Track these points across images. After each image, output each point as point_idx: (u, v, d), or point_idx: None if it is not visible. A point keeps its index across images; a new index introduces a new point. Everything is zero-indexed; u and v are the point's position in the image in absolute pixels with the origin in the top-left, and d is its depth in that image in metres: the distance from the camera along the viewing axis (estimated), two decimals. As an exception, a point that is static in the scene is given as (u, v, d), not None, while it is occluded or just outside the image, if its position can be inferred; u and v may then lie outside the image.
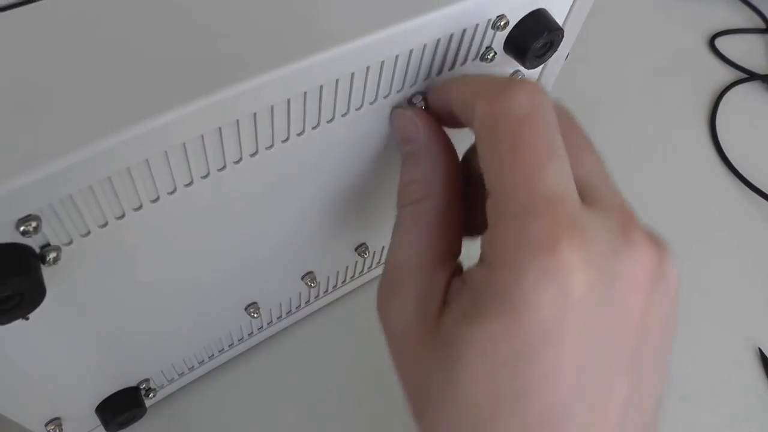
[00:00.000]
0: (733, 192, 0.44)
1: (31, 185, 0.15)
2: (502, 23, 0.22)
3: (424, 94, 0.22)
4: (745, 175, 0.44)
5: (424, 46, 0.21)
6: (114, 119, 0.16)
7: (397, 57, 0.20)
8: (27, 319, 0.18)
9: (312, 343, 0.35)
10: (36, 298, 0.17)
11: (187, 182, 0.19)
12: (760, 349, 0.37)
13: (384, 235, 0.33)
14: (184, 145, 0.17)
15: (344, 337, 0.35)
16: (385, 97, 0.22)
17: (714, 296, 0.39)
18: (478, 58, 0.23)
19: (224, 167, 0.20)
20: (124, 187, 0.17)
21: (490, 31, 0.22)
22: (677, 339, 0.37)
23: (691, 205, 0.43)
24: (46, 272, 0.17)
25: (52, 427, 0.26)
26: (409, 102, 0.23)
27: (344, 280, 0.34)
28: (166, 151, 0.17)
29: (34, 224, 0.16)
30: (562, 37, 0.24)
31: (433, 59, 0.22)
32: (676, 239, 0.41)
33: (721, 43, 0.52)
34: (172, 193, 0.19)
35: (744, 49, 0.52)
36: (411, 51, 0.21)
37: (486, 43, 0.23)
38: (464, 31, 0.21)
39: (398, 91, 0.22)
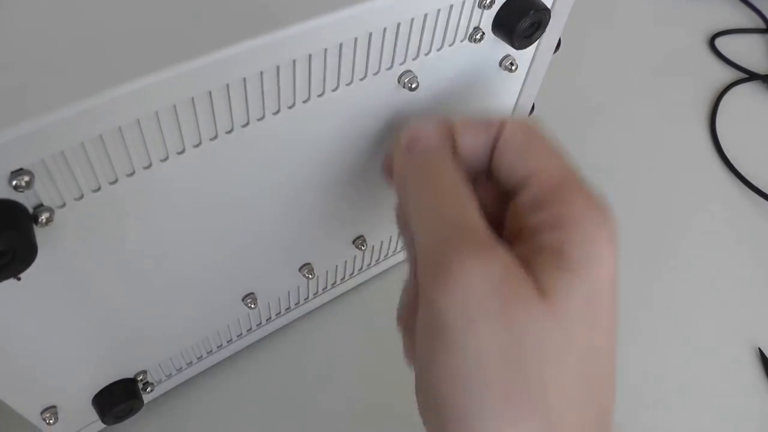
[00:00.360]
0: (733, 192, 0.44)
1: (23, 137, 0.15)
2: (488, 1, 0.22)
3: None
4: (745, 175, 0.44)
5: (412, 19, 0.21)
6: (103, 78, 0.16)
7: (384, 30, 0.21)
8: (19, 279, 0.18)
9: (312, 342, 0.35)
10: (27, 256, 0.17)
11: (179, 150, 0.19)
12: (760, 349, 0.36)
13: (381, 230, 0.33)
14: (174, 107, 0.18)
15: (345, 335, 0.35)
16: (375, 74, 0.22)
17: (714, 296, 0.39)
18: (467, 39, 0.24)
19: (216, 137, 0.20)
20: (117, 149, 0.18)
21: (477, 10, 0.23)
22: (678, 338, 0.37)
23: (691, 204, 0.43)
24: (39, 233, 0.18)
25: (48, 415, 0.26)
26: (399, 80, 0.23)
27: (343, 277, 0.34)
28: (156, 112, 0.18)
29: (26, 179, 0.16)
30: (550, 17, 0.24)
31: (421, 36, 0.22)
32: (676, 239, 0.41)
33: (721, 43, 0.53)
34: (164, 160, 0.19)
35: (744, 49, 0.53)
36: (399, 24, 0.21)
37: (474, 23, 0.23)
38: (451, 6, 0.22)
39: (388, 69, 0.23)
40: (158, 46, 0.17)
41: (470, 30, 0.24)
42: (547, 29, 0.25)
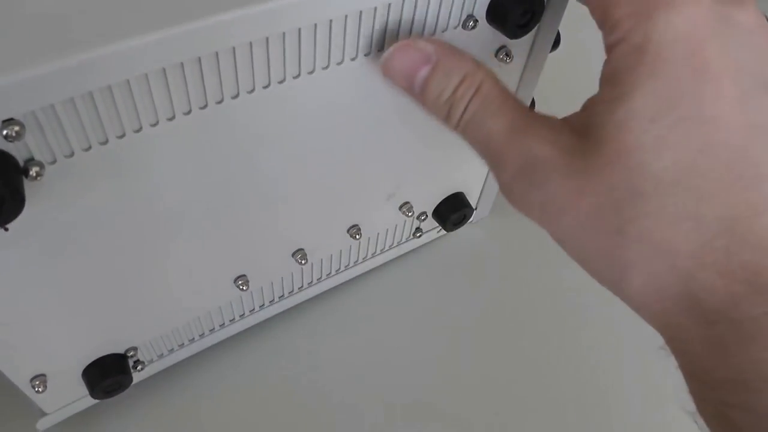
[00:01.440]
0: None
1: (12, 86, 0.16)
2: (480, -12, 0.23)
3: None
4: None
5: (403, 2, 0.22)
6: (93, 34, 0.17)
7: (375, 9, 0.21)
8: (6, 230, 0.18)
9: (304, 333, 0.35)
10: (15, 205, 0.17)
11: (169, 116, 0.20)
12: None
13: (377, 220, 0.33)
14: (164, 71, 0.19)
15: (338, 328, 0.35)
16: (366, 55, 0.23)
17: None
18: (459, 26, 0.24)
19: (206, 106, 0.20)
20: (106, 109, 0.18)
21: (471, -1, 0.23)
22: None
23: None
24: (28, 187, 0.18)
25: (37, 383, 0.26)
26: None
27: (338, 268, 0.35)
28: (146, 75, 0.18)
29: (16, 128, 0.17)
30: (543, 7, 0.25)
31: (413, 20, 0.23)
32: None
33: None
34: (154, 125, 0.20)
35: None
36: (389, 5, 0.22)
37: (467, 10, 0.24)
38: (442, -10, 0.22)
39: (379, 50, 0.23)
40: (151, 7, 0.18)
41: (463, 17, 0.24)
42: (542, 20, 0.26)
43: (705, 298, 0.18)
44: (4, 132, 0.17)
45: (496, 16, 0.24)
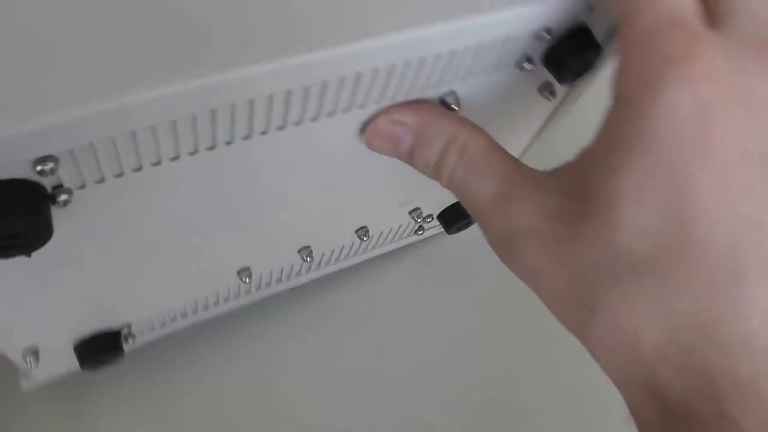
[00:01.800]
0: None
1: (55, 126, 0.15)
2: (545, 35, 0.22)
3: None
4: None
5: (467, 47, 0.20)
6: (142, 77, 0.15)
7: (438, 56, 0.20)
8: (29, 256, 0.17)
9: (298, 314, 0.35)
10: (42, 237, 0.17)
11: (210, 146, 0.19)
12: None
13: (385, 224, 0.33)
14: (213, 111, 0.17)
15: (336, 325, 0.35)
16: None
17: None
18: (514, 65, 0.23)
19: (250, 136, 0.19)
20: (146, 142, 0.17)
21: (533, 42, 0.22)
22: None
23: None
24: (55, 213, 0.17)
25: (32, 358, 0.26)
26: (442, 101, 0.22)
27: (338, 258, 0.34)
28: (195, 116, 0.17)
29: (51, 165, 0.15)
30: (601, 56, 0.23)
31: (473, 62, 0.21)
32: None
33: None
34: (192, 154, 0.19)
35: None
36: (453, 51, 0.20)
37: (526, 53, 0.23)
38: (507, 36, 0.21)
39: (434, 87, 0.22)
40: (206, 49, 0.16)
41: (520, 58, 0.23)
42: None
43: (664, 392, 0.17)
44: (39, 168, 0.15)
45: (553, 63, 0.23)
